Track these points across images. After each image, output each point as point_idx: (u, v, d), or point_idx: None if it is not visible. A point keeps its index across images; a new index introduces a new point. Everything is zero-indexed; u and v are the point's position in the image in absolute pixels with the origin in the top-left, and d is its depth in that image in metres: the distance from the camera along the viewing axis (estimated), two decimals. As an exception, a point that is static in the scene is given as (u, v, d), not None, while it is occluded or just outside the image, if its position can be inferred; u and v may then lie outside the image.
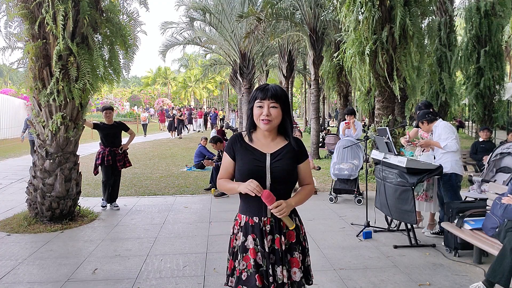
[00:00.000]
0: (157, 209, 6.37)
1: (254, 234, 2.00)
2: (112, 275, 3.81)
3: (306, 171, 2.13)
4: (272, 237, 2.00)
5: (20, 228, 5.27)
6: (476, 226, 3.99)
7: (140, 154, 14.07)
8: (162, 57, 17.59)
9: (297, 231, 2.08)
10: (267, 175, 1.98)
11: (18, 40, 5.43)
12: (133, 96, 50.66)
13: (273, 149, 2.04)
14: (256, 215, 2.02)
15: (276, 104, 1.98)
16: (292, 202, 2.00)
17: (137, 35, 6.09)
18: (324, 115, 30.36)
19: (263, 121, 1.98)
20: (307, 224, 5.37)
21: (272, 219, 2.01)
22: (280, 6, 12.28)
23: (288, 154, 2.04)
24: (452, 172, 4.63)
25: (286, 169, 2.01)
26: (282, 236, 2.01)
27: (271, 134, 2.07)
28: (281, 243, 2.00)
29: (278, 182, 1.99)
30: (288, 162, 2.02)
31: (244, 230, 2.03)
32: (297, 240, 2.07)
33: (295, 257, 2.04)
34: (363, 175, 7.35)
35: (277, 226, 2.01)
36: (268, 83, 2.10)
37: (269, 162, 2.00)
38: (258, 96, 2.00)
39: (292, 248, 2.04)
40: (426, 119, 4.86)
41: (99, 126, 6.23)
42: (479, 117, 13.13)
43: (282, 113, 2.01)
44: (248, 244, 2.00)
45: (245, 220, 2.04)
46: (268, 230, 2.00)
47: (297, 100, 53.06)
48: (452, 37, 12.87)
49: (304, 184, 2.14)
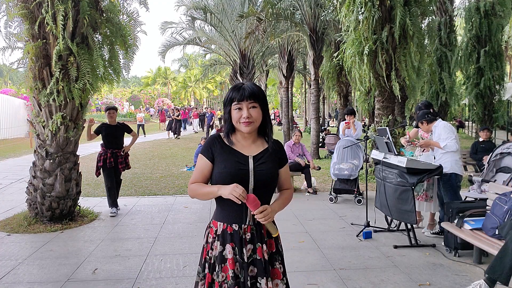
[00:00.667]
0: (157, 209, 6.37)
1: (233, 243, 1.84)
2: (112, 275, 3.81)
3: (287, 175, 2.01)
4: (252, 247, 1.85)
5: (20, 228, 5.27)
6: (476, 226, 3.99)
7: (140, 154, 14.07)
8: (162, 57, 17.59)
9: (276, 240, 1.95)
10: (250, 179, 1.84)
11: (18, 40, 5.43)
12: (133, 96, 50.63)
13: (255, 152, 1.91)
14: (235, 222, 1.86)
15: (255, 104, 1.85)
16: (276, 207, 1.88)
17: (137, 35, 6.10)
18: (324, 115, 30.35)
19: (244, 123, 1.84)
20: (307, 224, 5.41)
21: (253, 226, 1.86)
22: (280, 6, 12.28)
23: (271, 157, 1.92)
24: (452, 172, 4.63)
25: (270, 173, 1.89)
26: (264, 245, 1.87)
27: (251, 136, 1.93)
28: (263, 252, 1.85)
29: (261, 187, 1.86)
30: (271, 165, 1.90)
31: (222, 238, 1.86)
32: (277, 249, 1.94)
33: (276, 267, 1.91)
34: (363, 175, 7.35)
35: (259, 234, 1.87)
36: (243, 82, 1.94)
37: (253, 165, 1.86)
38: (235, 98, 1.84)
39: (273, 259, 1.91)
40: (425, 119, 4.86)
41: (101, 128, 6.05)
42: (479, 117, 13.13)
43: (262, 112, 1.88)
44: (227, 253, 1.84)
45: (222, 227, 1.88)
46: (248, 238, 1.85)
47: (297, 100, 53.04)
48: (452, 37, 12.87)
49: (284, 189, 2.02)
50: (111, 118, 6.11)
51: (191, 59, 51.28)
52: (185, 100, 57.84)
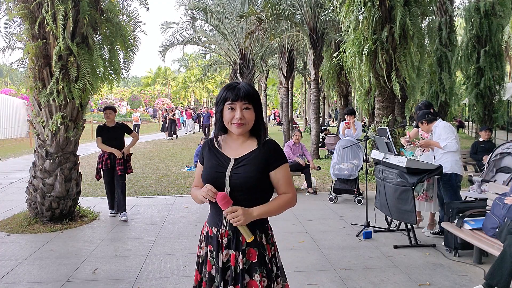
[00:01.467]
0: (157, 209, 6.37)
1: (211, 246, 1.84)
2: (112, 275, 3.81)
3: (281, 179, 1.83)
4: (227, 253, 1.80)
5: (20, 228, 5.27)
6: (476, 226, 3.99)
7: (140, 154, 14.06)
8: (162, 57, 17.60)
9: (260, 251, 1.79)
10: (226, 182, 1.77)
11: (18, 40, 5.43)
12: (133, 96, 50.61)
13: (240, 154, 1.82)
14: (215, 226, 1.84)
15: (249, 105, 1.77)
16: (254, 212, 1.74)
17: (137, 35, 6.10)
18: (324, 115, 30.35)
19: (236, 125, 1.77)
20: (307, 224, 5.41)
21: (230, 232, 1.79)
22: (280, 6, 12.28)
23: (256, 159, 1.79)
24: (452, 172, 4.63)
25: (248, 176, 1.76)
26: (240, 253, 1.77)
27: (242, 137, 1.85)
28: (238, 260, 1.77)
29: (239, 191, 1.76)
30: (252, 168, 1.77)
31: (206, 240, 1.87)
32: (259, 260, 1.78)
33: (254, 280, 1.76)
34: (363, 175, 7.35)
35: (235, 241, 1.78)
36: (237, 81, 1.86)
37: (230, 169, 1.79)
38: (228, 97, 1.77)
39: (252, 269, 1.77)
40: (425, 119, 4.86)
41: (101, 132, 5.72)
42: (479, 117, 13.13)
43: (256, 114, 1.81)
44: (208, 255, 1.86)
45: (207, 229, 1.88)
46: (225, 243, 1.79)
47: (297, 100, 53.04)
48: (452, 37, 12.87)
49: (280, 193, 1.87)
50: (108, 119, 5.78)
51: (191, 59, 51.28)
52: (185, 100, 57.84)
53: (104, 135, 5.70)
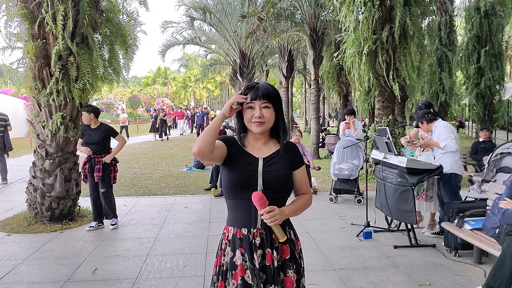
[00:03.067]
0: (157, 209, 6.36)
1: (242, 248, 1.76)
2: (112, 275, 3.81)
3: (302, 178, 1.89)
4: (262, 252, 1.76)
5: (20, 228, 5.26)
6: (476, 226, 3.99)
7: (140, 154, 14.06)
8: (162, 57, 17.59)
9: (291, 247, 1.83)
10: (259, 180, 1.76)
11: (18, 40, 5.43)
12: (133, 96, 50.60)
13: (266, 154, 1.84)
14: (245, 226, 1.78)
15: (268, 104, 1.78)
16: (286, 211, 1.77)
17: (137, 35, 6.10)
18: (324, 115, 30.35)
19: (255, 123, 1.77)
20: (307, 224, 5.41)
21: (263, 230, 1.77)
22: (281, 6, 12.28)
23: (283, 158, 1.83)
24: (452, 172, 4.62)
25: (280, 174, 1.79)
26: (274, 251, 1.77)
27: (263, 137, 1.86)
28: (273, 258, 1.76)
29: (271, 189, 1.76)
30: (283, 166, 1.81)
31: (232, 244, 1.79)
32: (291, 257, 1.82)
33: (289, 276, 1.79)
34: (363, 175, 7.34)
35: (269, 239, 1.77)
36: (257, 81, 1.89)
37: (262, 167, 1.79)
38: (248, 96, 1.78)
39: (286, 266, 1.80)
40: (425, 119, 4.86)
41: (83, 131, 5.25)
42: (479, 117, 13.13)
43: (275, 113, 1.81)
44: (237, 260, 1.76)
45: (233, 232, 1.80)
46: (258, 243, 1.76)
47: (297, 100, 53.04)
48: (452, 37, 12.87)
49: (300, 194, 1.91)
50: (85, 120, 5.15)
51: (191, 59, 51.28)
52: (185, 100, 57.83)
53: (85, 137, 5.21)
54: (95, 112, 5.22)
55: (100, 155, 5.17)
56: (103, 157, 5.16)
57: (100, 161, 5.14)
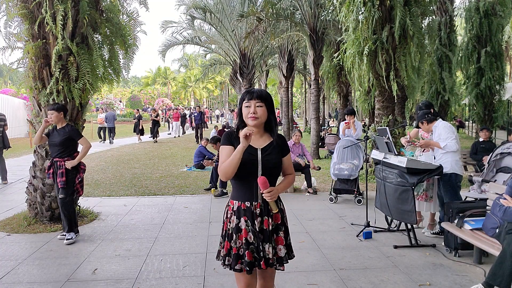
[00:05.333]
0: (157, 209, 6.36)
1: (245, 217, 2.30)
2: (112, 275, 3.81)
3: (289, 162, 2.47)
4: (261, 219, 2.31)
5: (20, 228, 5.26)
6: (476, 226, 3.99)
7: (140, 154, 14.07)
8: (162, 56, 17.59)
9: (281, 214, 2.41)
10: (259, 167, 2.29)
11: (18, 40, 5.43)
12: (133, 96, 50.57)
13: (262, 145, 2.35)
14: (248, 200, 2.32)
15: (261, 104, 2.29)
16: (279, 189, 2.30)
17: (137, 35, 6.10)
18: (324, 115, 30.34)
19: (251, 118, 2.28)
20: (307, 224, 5.41)
21: (262, 203, 2.32)
22: (281, 6, 12.28)
23: (275, 149, 2.35)
24: (452, 172, 4.62)
25: (275, 162, 2.33)
26: (270, 218, 2.33)
27: (259, 131, 2.37)
28: (269, 224, 2.32)
29: (267, 173, 2.28)
30: (276, 156, 2.34)
31: (237, 213, 2.32)
32: (282, 222, 2.40)
33: (280, 235, 2.37)
34: (363, 175, 7.34)
35: (266, 210, 2.33)
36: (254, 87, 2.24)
37: (261, 156, 2.30)
38: (245, 97, 2.32)
39: (278, 228, 2.37)
40: (425, 119, 4.85)
41: (48, 132, 4.92)
42: (479, 117, 13.13)
43: (267, 112, 2.32)
44: (241, 225, 2.30)
45: (238, 205, 2.33)
46: (258, 213, 2.31)
47: (297, 100, 53.01)
48: (452, 37, 12.87)
49: (287, 174, 2.48)
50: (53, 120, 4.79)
51: (191, 59, 51.30)
52: (185, 100, 57.82)
53: (49, 138, 4.88)
54: (65, 111, 4.93)
55: (62, 158, 4.77)
56: (65, 161, 4.77)
57: (62, 165, 4.75)
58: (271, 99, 2.36)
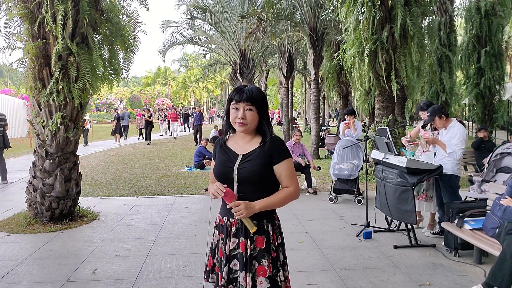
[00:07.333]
0: (157, 209, 6.36)
1: (222, 234, 2.01)
2: (112, 275, 3.81)
3: (283, 172, 1.96)
4: (237, 240, 1.93)
5: (20, 228, 5.26)
6: (476, 226, 3.99)
7: (140, 154, 14.07)
8: (162, 56, 17.57)
9: (267, 238, 1.93)
10: (234, 177, 1.93)
11: (18, 40, 5.42)
12: (133, 96, 50.55)
13: (247, 150, 1.98)
14: (225, 216, 1.99)
15: (252, 107, 1.93)
16: (256, 206, 1.88)
17: (137, 35, 6.09)
18: (324, 115, 30.34)
19: (239, 124, 1.94)
20: (307, 224, 5.41)
21: (239, 221, 1.93)
22: (281, 6, 12.28)
23: (260, 154, 1.94)
24: (452, 174, 4.63)
25: (253, 170, 1.91)
26: (248, 241, 1.91)
27: (248, 135, 2.02)
28: (247, 247, 1.90)
29: (246, 183, 1.92)
30: (257, 162, 1.92)
31: (218, 229, 2.05)
32: (266, 248, 1.92)
33: (263, 265, 1.89)
34: (363, 175, 7.34)
35: (243, 230, 1.92)
36: (245, 84, 2.03)
37: (238, 164, 1.95)
38: (234, 98, 1.95)
39: (260, 256, 1.91)
40: (444, 113, 4.70)
41: None
42: (479, 117, 13.12)
43: (259, 115, 1.96)
44: (219, 242, 2.03)
45: (219, 219, 2.05)
46: (233, 232, 1.94)
47: (297, 100, 53.02)
48: (452, 37, 12.86)
49: (284, 187, 1.99)
50: None
51: (191, 59, 51.29)
52: (185, 100, 57.81)
53: None
54: None
55: None
56: None
57: None
58: (264, 99, 1.99)
